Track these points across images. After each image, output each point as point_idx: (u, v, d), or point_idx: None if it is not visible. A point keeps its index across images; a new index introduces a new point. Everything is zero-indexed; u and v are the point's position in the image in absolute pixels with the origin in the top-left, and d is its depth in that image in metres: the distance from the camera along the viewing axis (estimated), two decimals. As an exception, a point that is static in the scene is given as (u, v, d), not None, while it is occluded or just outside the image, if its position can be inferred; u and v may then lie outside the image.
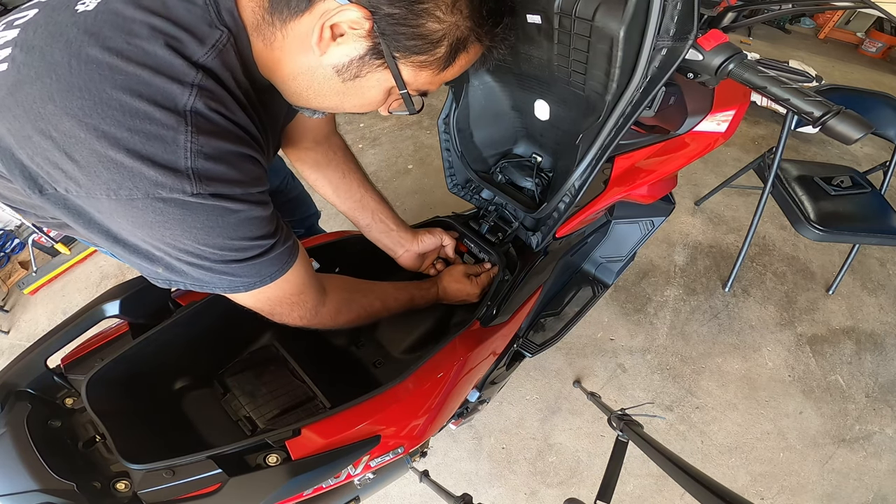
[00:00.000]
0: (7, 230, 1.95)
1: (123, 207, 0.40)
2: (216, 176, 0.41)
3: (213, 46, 0.41)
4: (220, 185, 0.41)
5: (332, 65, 0.46)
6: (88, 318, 0.62)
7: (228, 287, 0.50)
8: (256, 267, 0.49)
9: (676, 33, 0.50)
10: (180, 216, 0.41)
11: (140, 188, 0.38)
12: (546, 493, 1.30)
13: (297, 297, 0.57)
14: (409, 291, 0.78)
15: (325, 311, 0.62)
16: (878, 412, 1.47)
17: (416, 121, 2.68)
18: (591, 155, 0.63)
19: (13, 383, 0.57)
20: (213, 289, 0.50)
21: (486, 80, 0.79)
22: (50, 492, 0.48)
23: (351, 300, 0.67)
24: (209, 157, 0.40)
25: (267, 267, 0.50)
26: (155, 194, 0.39)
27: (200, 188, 0.40)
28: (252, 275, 0.49)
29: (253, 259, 0.48)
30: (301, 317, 0.59)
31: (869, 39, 3.58)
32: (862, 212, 1.51)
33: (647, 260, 1.88)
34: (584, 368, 1.56)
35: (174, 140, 0.38)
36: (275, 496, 0.52)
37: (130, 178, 0.38)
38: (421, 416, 0.67)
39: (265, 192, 0.48)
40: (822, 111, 0.47)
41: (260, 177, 0.47)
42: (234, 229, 0.45)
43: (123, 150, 0.37)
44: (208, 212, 0.42)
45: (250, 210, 0.45)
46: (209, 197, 0.41)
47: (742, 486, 1.32)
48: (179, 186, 0.39)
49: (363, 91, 0.50)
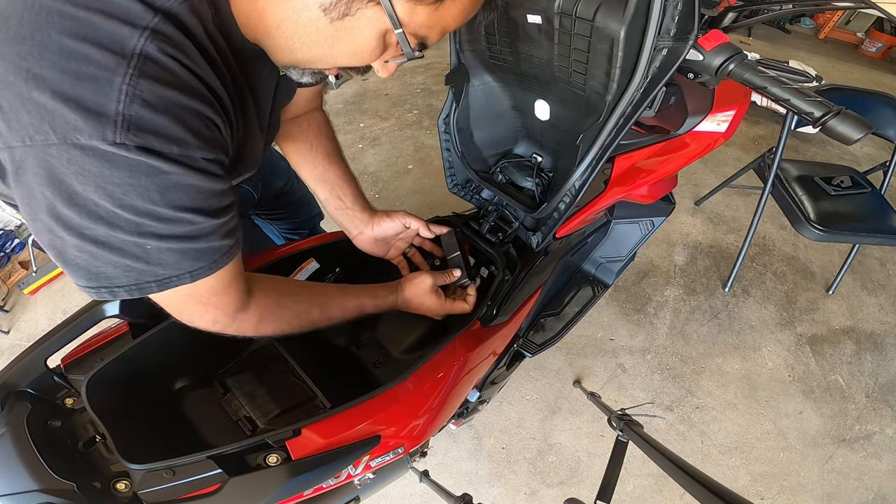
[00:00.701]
0: (7, 230, 1.95)
1: (36, 157, 0.35)
2: (151, 127, 0.36)
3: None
4: (152, 138, 0.36)
5: (319, 3, 0.42)
6: (88, 318, 0.62)
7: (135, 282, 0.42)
8: (177, 256, 0.42)
9: (677, 33, 0.50)
10: (97, 169, 0.36)
11: (58, 132, 0.34)
12: (546, 493, 1.31)
13: (216, 299, 0.49)
14: (359, 298, 0.70)
15: (247, 317, 0.54)
16: (878, 412, 1.47)
17: (415, 121, 2.68)
18: (591, 155, 0.63)
19: (13, 383, 0.57)
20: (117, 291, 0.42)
21: (486, 80, 0.79)
22: (50, 492, 0.48)
23: (281, 305, 0.59)
24: (148, 105, 0.35)
25: (190, 259, 0.43)
26: (72, 139, 0.34)
27: (126, 138, 0.35)
28: (169, 266, 0.42)
29: (176, 241, 0.41)
30: (215, 321, 0.51)
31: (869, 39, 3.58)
32: (862, 212, 1.51)
33: (647, 260, 1.88)
34: (584, 368, 1.56)
35: (109, 82, 0.34)
36: (275, 496, 0.52)
37: (49, 120, 0.34)
38: (421, 416, 0.67)
39: (216, 161, 0.42)
40: (822, 111, 0.47)
41: (208, 140, 0.41)
42: (160, 193, 0.38)
43: (49, 90, 0.33)
44: (131, 167, 0.36)
45: (186, 175, 0.39)
46: (134, 150, 0.35)
47: (742, 486, 1.32)
48: (100, 133, 0.34)
49: (353, 34, 0.44)
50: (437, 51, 3.50)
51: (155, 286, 0.43)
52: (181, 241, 0.42)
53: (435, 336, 0.86)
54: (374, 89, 3.07)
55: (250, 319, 0.55)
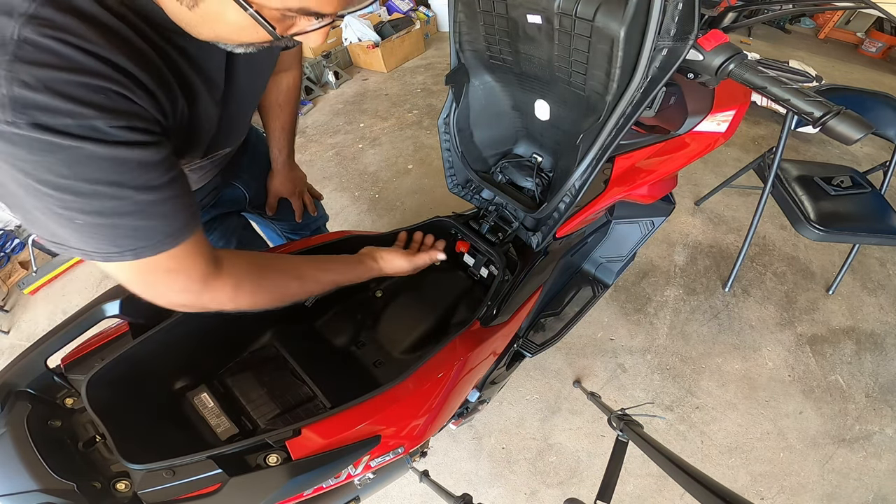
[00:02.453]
0: (7, 230, 1.95)
1: None
2: (35, 104, 0.37)
3: None
4: (39, 113, 0.37)
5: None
6: (88, 318, 0.62)
7: (82, 250, 0.44)
8: (110, 231, 0.43)
9: (677, 33, 0.50)
10: (3, 147, 0.38)
11: None
12: (546, 493, 1.31)
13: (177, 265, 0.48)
14: (335, 273, 0.69)
15: (220, 284, 0.52)
16: (878, 412, 1.47)
17: (415, 121, 2.69)
18: (591, 155, 0.63)
19: (13, 383, 0.57)
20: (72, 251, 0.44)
21: (486, 80, 0.79)
22: (50, 492, 0.48)
23: (255, 275, 0.57)
24: (27, 85, 0.36)
25: (128, 237, 0.43)
26: None
27: (15, 117, 0.36)
28: (106, 241, 0.43)
29: (103, 216, 0.42)
30: (186, 289, 0.50)
31: (869, 39, 3.58)
32: (862, 212, 1.51)
33: (647, 260, 1.88)
34: (584, 368, 1.56)
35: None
36: (275, 496, 0.52)
37: None
38: (421, 416, 0.67)
39: (130, 128, 0.41)
40: (822, 111, 0.47)
41: (114, 109, 0.40)
42: (68, 167, 0.39)
43: None
44: (30, 145, 0.38)
45: (94, 146, 0.39)
46: (27, 127, 0.37)
47: (742, 486, 1.32)
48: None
49: (219, 17, 0.42)
50: (437, 51, 3.50)
51: (99, 257, 0.44)
52: (109, 216, 0.42)
53: (435, 336, 0.86)
54: (374, 89, 3.07)
55: (225, 290, 0.53)
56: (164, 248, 0.46)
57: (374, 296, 0.92)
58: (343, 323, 0.87)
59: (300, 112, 2.82)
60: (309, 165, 2.41)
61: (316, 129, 2.70)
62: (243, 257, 0.58)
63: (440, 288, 0.91)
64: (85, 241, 0.43)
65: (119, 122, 0.40)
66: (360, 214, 2.12)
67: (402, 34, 3.28)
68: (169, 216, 0.45)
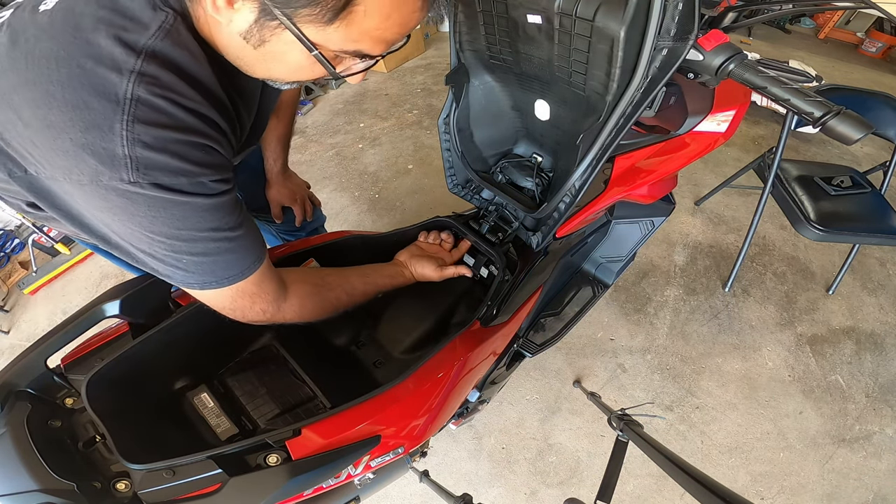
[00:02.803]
0: (7, 230, 1.95)
1: (77, 190, 0.42)
2: (156, 165, 0.40)
3: (159, 29, 0.41)
4: (159, 174, 0.41)
5: (239, 32, 0.43)
6: (88, 318, 0.62)
7: (183, 281, 0.49)
8: (211, 266, 0.48)
9: (677, 33, 0.50)
10: (122, 204, 0.42)
11: (86, 174, 0.40)
12: (546, 493, 1.30)
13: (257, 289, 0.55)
14: (377, 281, 0.78)
15: (288, 304, 0.61)
16: (878, 412, 1.47)
17: (416, 121, 2.69)
18: (591, 155, 0.63)
19: (13, 383, 0.57)
20: (171, 281, 0.50)
21: (486, 80, 0.79)
22: (50, 492, 0.48)
23: (315, 294, 0.65)
24: (147, 146, 0.40)
25: (223, 268, 0.49)
26: (98, 181, 0.40)
27: (138, 177, 0.40)
28: (206, 273, 0.49)
29: (206, 255, 0.47)
30: (263, 311, 0.58)
31: (869, 39, 3.58)
32: (862, 212, 1.51)
33: (647, 260, 1.88)
34: (584, 368, 1.56)
35: (110, 128, 0.39)
36: (275, 496, 0.52)
37: (76, 164, 0.40)
38: (421, 416, 0.67)
39: (222, 180, 0.46)
40: (822, 111, 0.47)
41: (213, 165, 0.45)
42: (181, 220, 0.44)
43: (67, 139, 0.39)
44: (149, 202, 0.42)
45: (199, 200, 0.44)
46: (149, 186, 0.41)
47: (742, 486, 1.32)
48: (117, 175, 0.40)
49: (280, 57, 0.45)
50: (437, 51, 3.50)
51: (198, 286, 0.50)
52: (210, 255, 0.48)
53: (435, 336, 0.86)
54: (374, 89, 3.07)
55: (292, 307, 0.61)
56: (250, 273, 0.52)
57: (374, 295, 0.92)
58: (343, 323, 0.87)
59: (300, 112, 2.82)
60: (309, 165, 2.41)
61: (316, 129, 2.70)
62: (303, 280, 0.65)
63: (440, 288, 0.91)
64: (188, 275, 0.49)
65: (216, 175, 0.45)
66: (360, 214, 2.12)
67: (402, 34, 3.28)
68: (251, 246, 0.52)
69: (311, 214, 1.15)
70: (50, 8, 0.42)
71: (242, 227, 0.50)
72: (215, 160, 0.45)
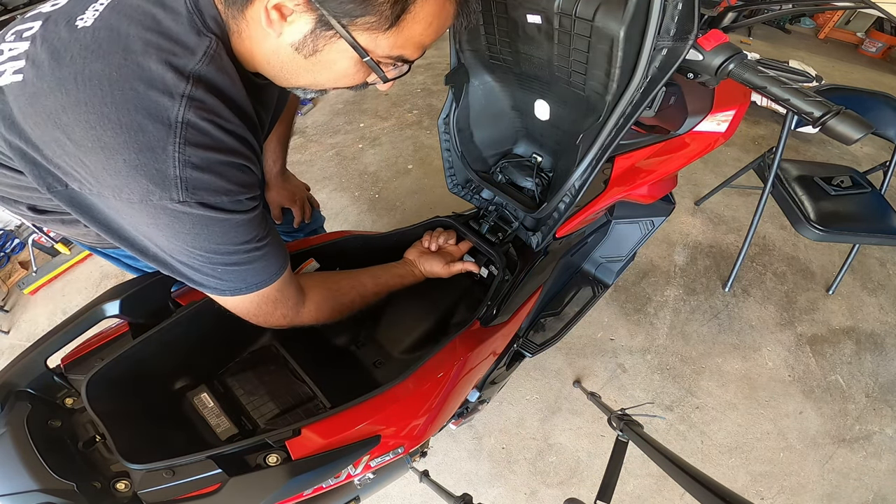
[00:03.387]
0: (7, 230, 1.95)
1: (126, 208, 0.44)
2: (203, 185, 0.43)
3: (205, 54, 0.44)
4: (206, 193, 0.44)
5: (290, 44, 0.46)
6: (88, 318, 0.62)
7: (216, 288, 0.52)
8: (243, 274, 0.52)
9: (677, 33, 0.50)
10: (169, 222, 0.45)
11: (136, 193, 0.42)
12: (546, 493, 1.30)
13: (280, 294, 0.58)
14: (387, 282, 0.80)
15: (306, 309, 0.64)
16: (878, 412, 1.47)
17: (416, 121, 2.69)
18: (591, 155, 0.63)
19: (13, 383, 0.57)
20: (201, 288, 0.53)
21: (486, 80, 0.79)
22: (50, 492, 0.48)
23: (330, 298, 0.68)
24: (196, 167, 0.42)
25: (253, 275, 0.53)
26: (147, 200, 0.43)
27: (187, 196, 0.43)
28: (238, 281, 0.52)
29: (239, 265, 0.51)
30: (284, 315, 0.61)
31: (869, 39, 3.58)
32: (862, 212, 1.51)
33: (647, 260, 1.88)
34: (584, 368, 1.56)
35: (164, 150, 0.41)
36: (275, 496, 0.52)
37: (128, 185, 0.42)
38: (421, 416, 0.67)
39: (254, 197, 0.50)
40: (822, 111, 0.47)
41: (249, 184, 0.48)
42: (221, 236, 0.47)
43: (121, 160, 0.41)
44: (194, 220, 0.45)
45: (236, 217, 0.47)
46: (196, 205, 0.44)
47: (742, 486, 1.32)
48: (168, 195, 0.42)
49: (330, 65, 0.49)
50: (437, 51, 3.50)
51: (229, 293, 0.53)
52: (243, 264, 0.51)
53: (435, 336, 0.86)
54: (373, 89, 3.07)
55: (310, 311, 0.65)
56: (276, 278, 0.55)
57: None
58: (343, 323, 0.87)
59: (300, 112, 2.82)
60: (309, 165, 2.41)
61: (316, 129, 2.70)
62: (319, 285, 0.68)
63: (440, 288, 0.91)
64: (221, 283, 0.52)
65: (250, 193, 0.48)
66: (360, 214, 2.12)
67: (402, 34, 3.28)
68: (277, 253, 0.55)
69: (310, 216, 1.15)
70: (90, 25, 0.43)
71: (269, 236, 0.53)
72: (250, 179, 0.49)
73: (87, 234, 0.68)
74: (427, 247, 0.88)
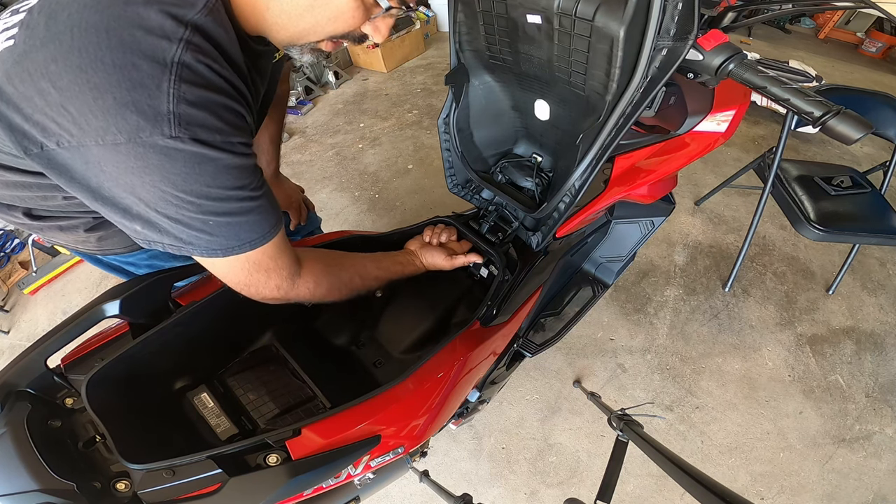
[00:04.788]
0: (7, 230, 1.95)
1: (109, 153, 0.43)
2: (196, 121, 0.43)
3: (204, 6, 0.44)
4: (199, 129, 0.43)
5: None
6: (88, 318, 0.62)
7: (206, 248, 0.50)
8: (235, 228, 0.50)
9: (677, 33, 0.50)
10: (158, 161, 0.43)
11: (124, 132, 0.41)
12: (546, 493, 1.30)
13: (274, 263, 0.57)
14: (389, 268, 0.78)
15: (303, 281, 0.62)
16: (878, 412, 1.47)
17: (416, 121, 2.69)
18: (591, 155, 0.63)
19: (13, 383, 0.57)
20: (193, 250, 0.51)
21: (486, 80, 0.79)
22: (50, 492, 0.48)
23: (329, 273, 0.66)
24: (191, 104, 0.42)
25: (247, 231, 0.51)
26: (136, 138, 0.41)
27: (179, 132, 0.42)
28: (231, 237, 0.50)
29: (232, 216, 0.49)
30: (278, 286, 0.59)
31: (869, 39, 3.58)
32: (862, 212, 1.51)
33: (647, 260, 1.88)
34: (584, 368, 1.56)
35: (158, 87, 0.41)
36: (275, 496, 0.52)
37: (115, 123, 0.41)
38: (421, 416, 0.67)
39: (247, 144, 0.49)
40: (822, 111, 0.47)
41: (241, 128, 0.48)
42: (213, 177, 0.46)
43: (111, 98, 0.40)
44: (186, 157, 0.43)
45: (229, 158, 0.46)
46: (189, 141, 0.43)
47: (742, 486, 1.32)
48: (159, 129, 0.41)
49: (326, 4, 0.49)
50: (437, 51, 3.50)
51: (220, 252, 0.51)
52: (235, 215, 0.49)
53: (435, 336, 0.86)
54: (374, 89, 3.07)
55: (307, 284, 0.62)
56: (270, 237, 0.53)
57: (374, 295, 0.92)
58: (343, 323, 0.87)
59: (300, 112, 2.82)
60: (309, 165, 2.41)
61: (316, 129, 2.70)
62: (318, 258, 0.66)
63: (440, 288, 0.91)
64: (212, 239, 0.50)
65: (243, 138, 0.48)
66: (360, 214, 2.12)
67: (402, 34, 3.28)
68: (271, 210, 0.53)
69: (306, 218, 1.14)
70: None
71: (263, 188, 0.52)
72: (242, 124, 0.49)
73: (87, 240, 0.67)
74: (428, 241, 0.88)
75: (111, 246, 0.71)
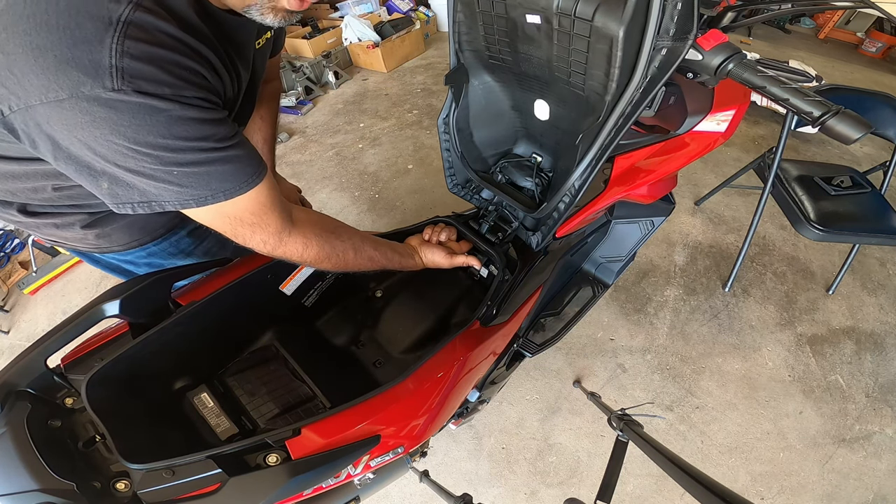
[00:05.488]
0: (7, 230, 1.95)
1: (54, 111, 0.42)
2: (141, 74, 0.42)
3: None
4: (144, 82, 0.42)
5: None
6: (88, 318, 0.62)
7: (177, 200, 0.50)
8: (204, 178, 0.49)
9: (676, 33, 0.50)
10: (105, 114, 0.42)
11: (65, 88, 0.41)
12: (546, 493, 1.30)
13: (257, 219, 0.56)
14: (385, 255, 0.76)
15: (292, 241, 0.61)
16: (878, 412, 1.47)
17: (416, 121, 2.69)
18: (591, 155, 0.63)
19: (13, 383, 0.57)
20: (165, 204, 0.50)
21: (485, 80, 0.79)
22: (50, 492, 0.48)
23: (322, 237, 0.65)
24: (136, 58, 0.41)
25: (218, 181, 0.50)
26: (78, 93, 0.41)
27: (122, 84, 0.41)
28: (200, 186, 0.49)
29: (197, 166, 0.48)
30: (264, 241, 0.58)
31: (869, 39, 3.58)
32: (862, 212, 1.51)
33: (647, 260, 1.88)
34: (584, 368, 1.56)
35: (101, 42, 0.40)
36: (275, 496, 0.52)
37: (56, 79, 0.41)
38: (421, 416, 0.67)
39: (206, 100, 0.48)
40: (822, 111, 0.47)
41: (197, 84, 0.47)
42: (166, 127, 0.45)
43: (52, 56, 0.40)
44: (133, 109, 0.43)
45: (182, 110, 0.45)
46: (132, 93, 0.42)
47: (742, 486, 1.32)
48: (100, 83, 0.41)
49: None
50: (437, 51, 3.51)
51: (193, 202, 0.50)
52: (201, 165, 0.48)
53: (435, 336, 0.86)
54: (374, 89, 3.08)
55: (295, 244, 0.61)
56: (249, 188, 0.52)
57: (373, 296, 0.92)
58: (343, 323, 0.87)
59: (300, 112, 2.82)
60: (309, 165, 2.41)
61: (316, 129, 2.70)
62: (314, 221, 0.65)
63: (440, 288, 0.91)
64: (182, 190, 0.49)
65: (200, 93, 0.47)
66: (360, 214, 2.12)
67: (402, 34, 3.28)
68: (247, 161, 0.52)
69: None
70: None
71: (234, 139, 0.51)
72: (201, 82, 0.48)
73: (84, 238, 0.67)
74: (428, 239, 0.87)
75: (109, 243, 0.71)
